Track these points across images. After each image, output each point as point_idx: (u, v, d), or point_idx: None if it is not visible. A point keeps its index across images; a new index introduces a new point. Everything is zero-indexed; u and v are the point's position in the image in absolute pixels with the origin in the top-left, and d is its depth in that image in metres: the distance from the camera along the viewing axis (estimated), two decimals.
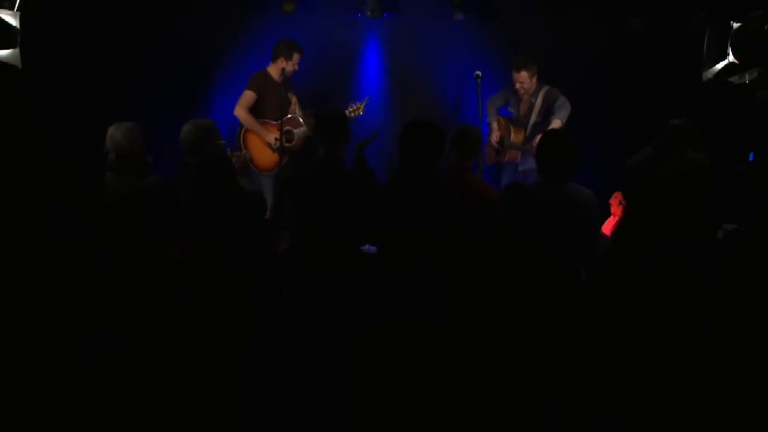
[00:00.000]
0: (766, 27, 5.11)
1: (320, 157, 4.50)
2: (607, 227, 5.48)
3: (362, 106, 5.94)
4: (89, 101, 5.73)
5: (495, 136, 6.13)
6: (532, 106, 6.05)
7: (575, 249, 3.60)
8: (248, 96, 5.99)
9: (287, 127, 5.87)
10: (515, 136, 6.08)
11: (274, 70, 5.99)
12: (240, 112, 5.97)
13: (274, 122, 5.93)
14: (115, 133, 4.20)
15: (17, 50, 4.81)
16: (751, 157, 5.50)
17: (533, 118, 6.05)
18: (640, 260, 2.86)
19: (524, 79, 5.98)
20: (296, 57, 5.99)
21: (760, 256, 2.83)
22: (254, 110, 6.00)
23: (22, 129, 5.29)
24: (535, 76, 6.02)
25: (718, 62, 5.30)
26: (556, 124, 5.79)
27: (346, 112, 5.63)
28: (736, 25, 5.17)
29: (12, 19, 4.80)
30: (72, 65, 5.87)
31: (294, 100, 6.06)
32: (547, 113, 6.02)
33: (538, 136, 5.75)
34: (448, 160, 4.34)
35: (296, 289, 3.05)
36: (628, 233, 3.03)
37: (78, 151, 3.61)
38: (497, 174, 6.37)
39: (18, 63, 4.83)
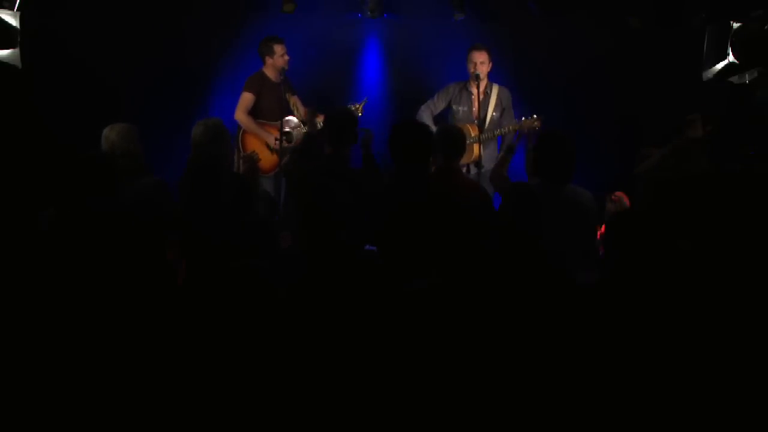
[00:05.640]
0: (766, 27, 5.10)
1: (325, 156, 4.49)
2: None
3: (361, 107, 5.93)
4: (89, 101, 5.73)
5: None
6: (487, 98, 5.94)
7: (573, 250, 3.60)
8: (246, 98, 5.99)
9: (286, 128, 5.85)
10: (473, 133, 5.73)
11: (269, 71, 6.00)
12: (240, 115, 5.97)
13: (272, 123, 5.93)
14: (109, 134, 4.19)
15: (17, 50, 4.80)
16: None
17: (491, 112, 5.97)
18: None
19: (485, 59, 5.83)
20: (278, 48, 5.96)
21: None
22: (252, 111, 6.00)
23: (21, 129, 5.30)
24: (491, 63, 5.90)
25: (718, 62, 5.29)
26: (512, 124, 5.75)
27: None
28: (736, 25, 5.15)
29: (12, 19, 4.79)
30: (72, 65, 5.87)
31: (293, 100, 6.05)
32: (502, 110, 5.97)
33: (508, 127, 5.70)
34: (435, 163, 4.33)
35: (295, 287, 3.06)
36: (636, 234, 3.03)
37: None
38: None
39: (18, 63, 4.82)
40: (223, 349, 2.48)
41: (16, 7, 4.84)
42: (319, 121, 5.62)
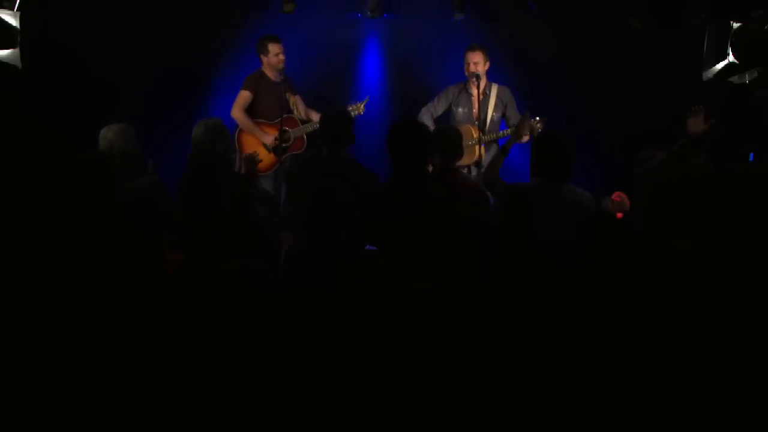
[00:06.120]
0: (766, 27, 5.10)
1: (324, 158, 4.50)
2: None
3: (362, 106, 5.93)
4: (89, 101, 5.73)
5: None
6: (487, 99, 5.95)
7: (571, 250, 3.60)
8: (243, 96, 5.99)
9: (283, 127, 5.85)
10: (474, 134, 5.81)
11: (267, 70, 6.01)
12: (236, 113, 5.97)
13: (269, 122, 5.92)
14: (107, 134, 4.20)
15: (17, 50, 4.80)
16: (751, 157, 5.50)
17: (491, 113, 5.98)
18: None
19: (479, 59, 5.84)
20: (273, 47, 5.97)
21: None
22: (251, 110, 6.00)
23: (21, 129, 5.29)
24: (488, 62, 5.92)
25: (718, 62, 5.29)
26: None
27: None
28: (736, 25, 5.15)
29: (12, 19, 4.79)
30: (72, 65, 5.87)
31: (293, 100, 6.05)
32: (503, 109, 5.97)
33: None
34: (434, 163, 4.34)
35: (296, 287, 3.07)
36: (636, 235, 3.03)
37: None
38: None
39: (18, 63, 4.82)
40: (219, 350, 2.48)
41: (16, 7, 4.84)
42: (316, 121, 5.62)
